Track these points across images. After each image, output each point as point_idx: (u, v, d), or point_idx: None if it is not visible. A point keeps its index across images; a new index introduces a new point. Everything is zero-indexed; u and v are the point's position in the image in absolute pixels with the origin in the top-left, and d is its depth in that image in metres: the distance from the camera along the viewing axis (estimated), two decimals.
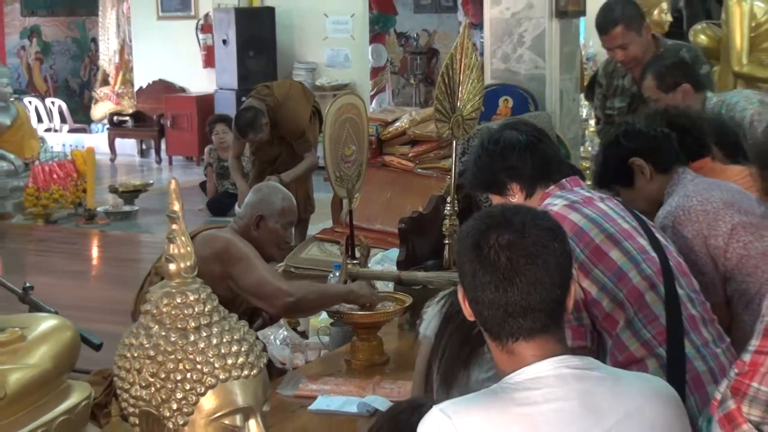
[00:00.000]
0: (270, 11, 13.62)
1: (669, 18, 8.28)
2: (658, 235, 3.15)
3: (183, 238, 1.96)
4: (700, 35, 7.08)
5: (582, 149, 8.22)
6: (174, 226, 1.96)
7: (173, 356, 1.89)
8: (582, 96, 8.03)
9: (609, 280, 2.83)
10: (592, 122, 8.05)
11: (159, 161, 15.14)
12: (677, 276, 3.00)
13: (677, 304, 2.91)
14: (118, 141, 15.61)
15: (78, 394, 3.30)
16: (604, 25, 5.55)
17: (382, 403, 3.45)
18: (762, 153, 3.68)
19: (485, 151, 3.26)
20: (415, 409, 2.63)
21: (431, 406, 2.30)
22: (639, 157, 3.80)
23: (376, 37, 15.12)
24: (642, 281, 2.88)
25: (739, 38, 6.48)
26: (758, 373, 2.23)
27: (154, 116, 15.09)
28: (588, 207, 3.14)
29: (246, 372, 1.92)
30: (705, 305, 3.12)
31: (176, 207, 1.96)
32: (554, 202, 3.18)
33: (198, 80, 14.59)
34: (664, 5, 8.45)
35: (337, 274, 4.96)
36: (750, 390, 2.22)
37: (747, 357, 2.28)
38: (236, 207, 8.36)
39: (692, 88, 4.89)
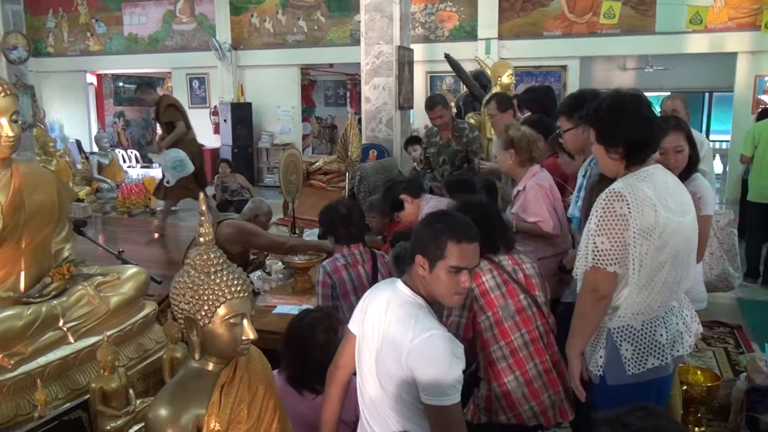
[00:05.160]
0: (249, 105, 13.49)
1: (455, 110, 8.43)
2: (378, 265, 3.22)
3: (207, 224, 1.91)
4: (471, 119, 7.22)
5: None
6: (202, 218, 1.90)
7: (202, 286, 1.83)
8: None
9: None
10: (415, 164, 8.07)
11: None
12: (384, 275, 3.16)
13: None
14: None
15: (148, 308, 3.19)
16: (431, 104, 5.61)
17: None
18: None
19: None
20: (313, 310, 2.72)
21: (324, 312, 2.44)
22: (404, 192, 3.76)
23: (305, 119, 15.07)
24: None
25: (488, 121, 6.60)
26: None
27: None
28: (353, 269, 3.18)
29: (242, 294, 1.87)
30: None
31: (203, 207, 1.91)
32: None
33: (211, 141, 14.28)
34: (452, 104, 8.61)
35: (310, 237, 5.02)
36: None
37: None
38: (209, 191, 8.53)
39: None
